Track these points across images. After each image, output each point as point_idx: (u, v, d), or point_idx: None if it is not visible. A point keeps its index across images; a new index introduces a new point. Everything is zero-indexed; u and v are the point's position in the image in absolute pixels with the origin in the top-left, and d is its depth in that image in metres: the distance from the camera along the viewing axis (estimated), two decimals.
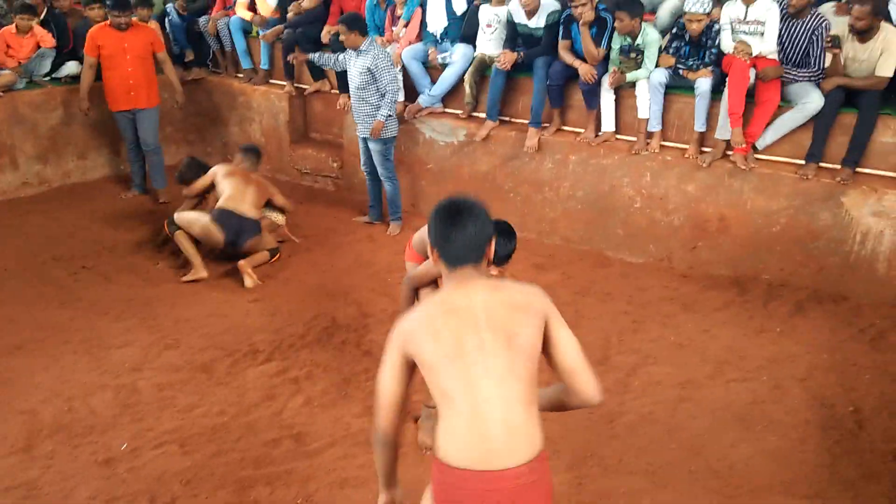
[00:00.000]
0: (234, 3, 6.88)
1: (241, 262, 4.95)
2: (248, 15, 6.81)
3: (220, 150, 7.37)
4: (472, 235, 1.90)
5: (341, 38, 5.42)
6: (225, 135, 7.31)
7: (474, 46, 5.95)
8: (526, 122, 5.75)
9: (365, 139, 5.65)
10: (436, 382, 1.83)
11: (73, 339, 4.15)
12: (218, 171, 5.24)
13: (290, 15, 6.58)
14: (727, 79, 4.92)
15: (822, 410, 3.64)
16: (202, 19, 7.02)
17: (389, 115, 5.45)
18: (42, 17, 6.42)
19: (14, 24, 6.09)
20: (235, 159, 5.54)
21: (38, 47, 6.24)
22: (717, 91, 5.06)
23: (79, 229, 5.63)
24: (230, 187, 5.08)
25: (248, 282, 4.88)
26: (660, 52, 5.26)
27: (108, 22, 5.91)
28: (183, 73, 7.22)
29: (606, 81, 5.31)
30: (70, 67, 6.45)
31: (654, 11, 5.57)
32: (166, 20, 7.12)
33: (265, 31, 6.72)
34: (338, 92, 6.55)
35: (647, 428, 3.51)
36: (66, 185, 6.43)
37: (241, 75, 7.13)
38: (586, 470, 3.23)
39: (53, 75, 6.44)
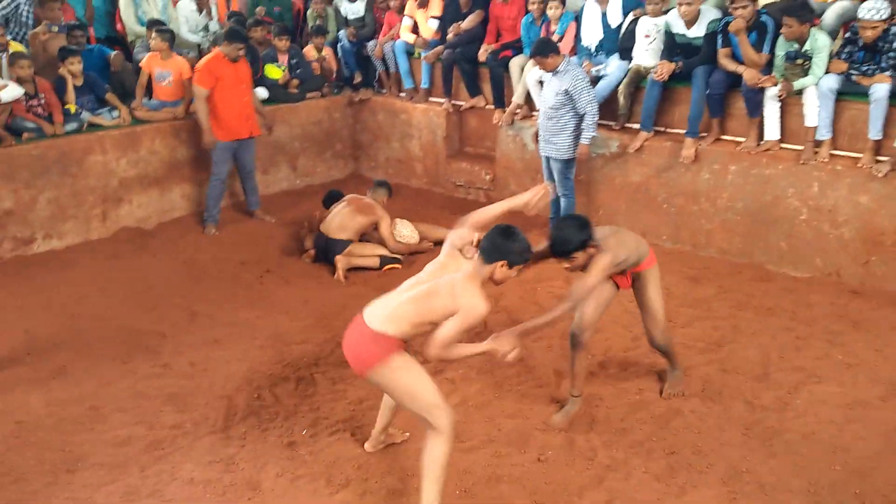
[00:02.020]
0: (399, 27, 7.36)
1: (338, 257, 5.51)
2: (411, 38, 7.26)
3: (382, 164, 7.88)
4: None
5: (537, 66, 5.56)
6: (387, 150, 7.81)
7: (629, 59, 5.98)
8: (681, 132, 5.70)
9: (548, 157, 5.76)
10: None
11: (260, 335, 4.67)
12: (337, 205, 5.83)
13: (449, 36, 6.95)
14: None
15: None
16: (370, 44, 7.58)
17: (594, 137, 5.52)
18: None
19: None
20: (369, 192, 6.00)
21: None
22: (894, 97, 4.75)
23: (262, 237, 6.28)
24: (330, 215, 5.74)
25: (337, 274, 5.49)
26: (830, 57, 5.03)
27: (219, 53, 6.09)
28: (352, 93, 7.82)
29: (771, 89, 5.14)
30: (258, 93, 7.18)
31: (819, 15, 5.32)
32: (338, 46, 7.75)
33: (426, 52, 7.13)
34: (493, 108, 6.83)
35: (808, 447, 3.41)
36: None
37: (403, 94, 7.60)
38: (741, 486, 3.20)
39: None
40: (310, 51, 7.66)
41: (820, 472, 3.25)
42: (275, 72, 7.33)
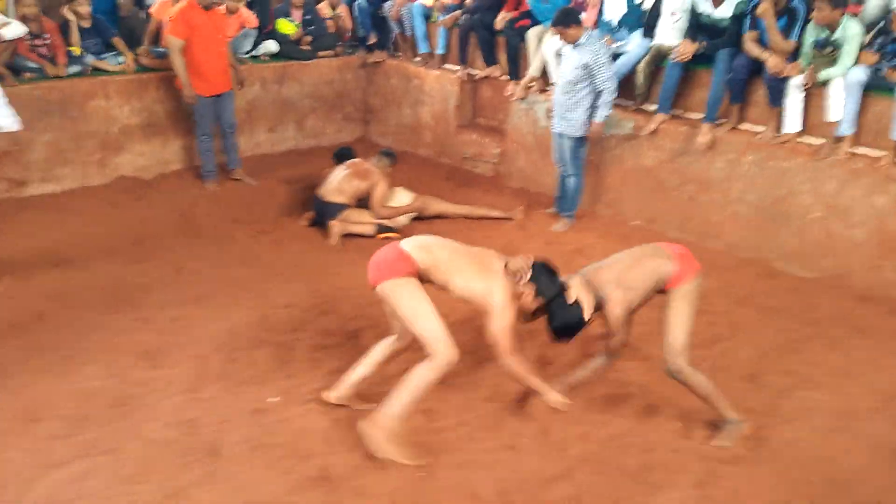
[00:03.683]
0: None
1: (333, 221, 5.42)
2: (429, 1, 7.04)
3: (392, 130, 7.72)
4: None
5: (559, 37, 5.33)
6: (398, 116, 7.65)
7: (651, 37, 5.73)
8: (699, 117, 5.47)
9: (561, 134, 5.56)
10: None
11: (246, 296, 4.59)
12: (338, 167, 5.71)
13: (468, 1, 6.72)
14: None
15: None
16: (387, 4, 7.37)
17: (608, 115, 5.33)
18: None
19: (224, 6, 6.72)
20: (372, 158, 5.84)
21: (243, 27, 6.86)
22: None
23: (262, 197, 6.18)
24: (328, 178, 5.62)
25: (331, 240, 5.41)
26: (861, 48, 4.76)
27: (192, 1, 5.72)
28: (366, 55, 7.64)
29: (796, 78, 4.90)
30: (268, 46, 7.06)
31: (860, 3, 5.04)
32: (355, 5, 7.55)
33: (444, 16, 6.91)
34: (508, 79, 6.62)
35: (791, 455, 3.27)
36: (256, 156, 7.04)
37: (417, 59, 7.40)
38: (714, 491, 3.07)
39: (253, 53, 7.07)
40: (324, 8, 7.47)
41: (800, 482, 3.11)
42: (287, 27, 7.17)
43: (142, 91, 6.22)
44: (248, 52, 7.04)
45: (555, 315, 3.17)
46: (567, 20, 5.17)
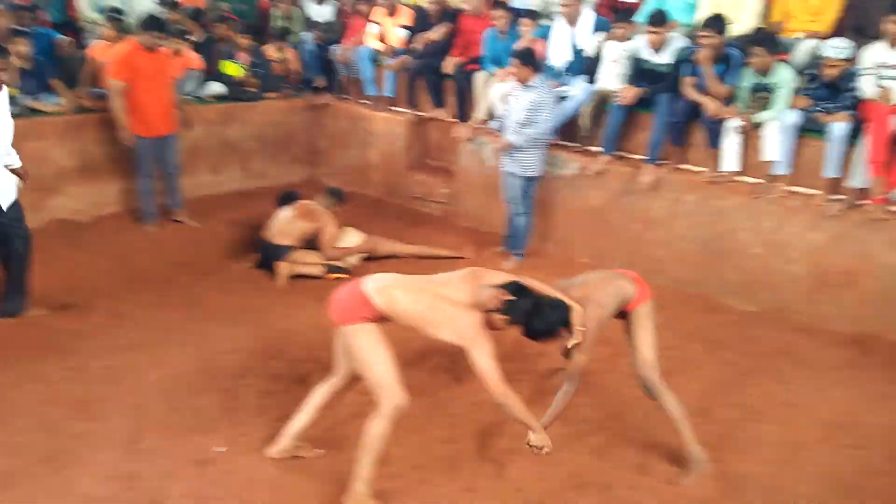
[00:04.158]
0: (366, 33, 7.19)
1: (280, 263, 5.34)
2: (377, 45, 7.10)
3: (339, 171, 7.68)
4: None
5: (512, 69, 5.40)
6: (345, 157, 7.62)
7: (594, 81, 5.90)
8: (642, 158, 5.62)
9: (510, 174, 5.61)
10: None
11: (188, 341, 4.42)
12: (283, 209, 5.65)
13: (416, 46, 6.80)
14: (867, 125, 4.60)
15: None
16: (334, 47, 7.39)
17: (521, 143, 5.35)
18: (198, 41, 6.98)
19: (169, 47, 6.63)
20: (319, 198, 5.80)
21: (187, 69, 6.77)
22: (850, 136, 4.72)
23: (205, 239, 6.02)
24: (273, 220, 5.57)
25: (278, 281, 5.32)
26: (793, 92, 5.00)
27: (135, 43, 5.64)
28: (313, 97, 7.63)
29: (731, 121, 5.09)
30: (213, 87, 6.98)
31: (789, 51, 5.30)
32: (302, 47, 7.56)
33: (392, 60, 6.98)
34: (456, 121, 6.69)
35: (744, 489, 3.28)
36: (199, 197, 6.87)
37: (365, 101, 7.43)
38: None
39: (197, 94, 6.97)
40: (271, 50, 7.45)
41: None
42: (233, 68, 7.13)
43: (79, 132, 6.04)
44: (193, 94, 6.94)
45: (537, 327, 3.07)
46: (529, 59, 5.28)
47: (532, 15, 6.15)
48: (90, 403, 3.71)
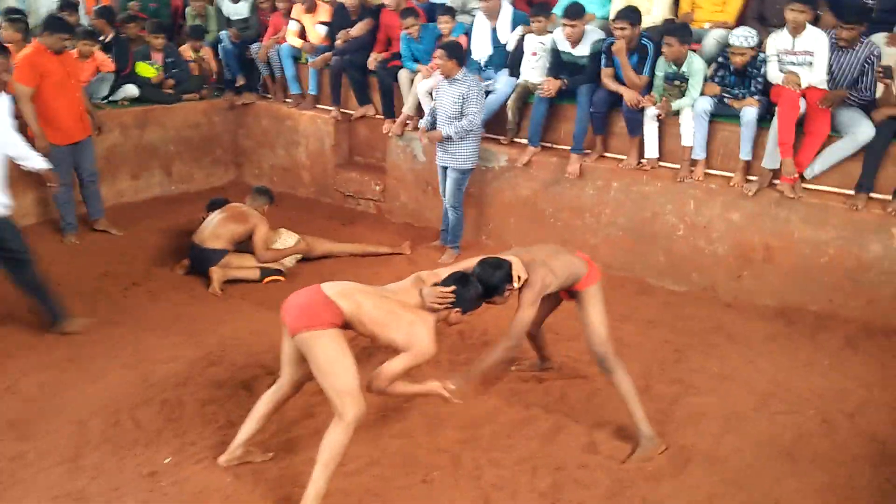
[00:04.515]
0: (285, 31, 7.07)
1: (213, 268, 5.19)
2: (298, 42, 7.00)
3: (267, 172, 7.54)
4: None
5: (438, 61, 5.41)
6: (272, 157, 7.48)
7: (517, 75, 6.01)
8: (568, 148, 5.77)
9: (445, 168, 5.65)
10: None
11: (122, 353, 4.26)
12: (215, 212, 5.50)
13: (338, 42, 6.74)
14: (776, 109, 4.87)
15: (873, 446, 3.53)
16: (254, 46, 7.23)
17: (453, 135, 5.40)
18: (107, 41, 6.69)
19: (77, 50, 6.35)
20: (248, 199, 5.68)
21: (98, 71, 6.49)
22: (763, 120, 5.01)
23: (130, 248, 5.79)
24: (203, 223, 5.43)
25: (211, 287, 5.15)
26: (705, 80, 5.25)
27: (40, 46, 5.37)
28: (234, 97, 7.44)
29: (650, 109, 5.30)
30: (127, 90, 6.71)
31: (699, 41, 5.56)
32: (220, 47, 7.36)
33: (314, 57, 6.89)
34: (382, 118, 6.68)
35: (689, 460, 3.44)
36: (119, 204, 6.61)
37: (289, 100, 7.31)
38: (621, 500, 3.18)
39: (111, 98, 6.69)
40: (186, 50, 7.24)
41: (698, 486, 3.28)
42: (148, 70, 6.88)
43: None
44: (105, 98, 6.66)
45: (490, 295, 3.24)
46: (454, 52, 5.32)
47: (449, 11, 6.17)
48: (23, 422, 3.53)
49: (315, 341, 2.93)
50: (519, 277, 3.28)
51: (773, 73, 5.02)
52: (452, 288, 3.11)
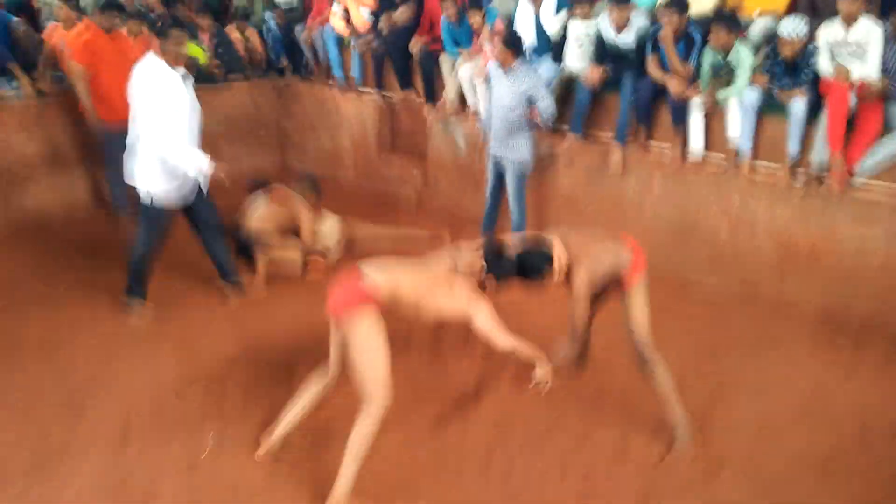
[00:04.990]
0: (329, 13, 7.10)
1: (259, 253, 5.27)
2: (342, 26, 7.02)
3: (311, 155, 7.64)
4: None
5: (494, 49, 5.28)
6: (316, 141, 7.57)
7: (560, 60, 5.92)
8: (610, 137, 5.69)
9: (497, 161, 5.52)
10: None
11: (170, 339, 4.42)
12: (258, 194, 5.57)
13: (381, 26, 6.74)
14: (826, 103, 4.72)
15: None
16: (298, 28, 7.28)
17: (545, 117, 5.29)
18: (159, 23, 6.78)
19: (126, 29, 6.42)
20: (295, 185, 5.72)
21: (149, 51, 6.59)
22: (812, 112, 4.85)
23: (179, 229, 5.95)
24: (250, 207, 5.47)
25: (256, 277, 5.22)
26: (752, 70, 5.10)
27: (92, 25, 5.55)
28: (279, 79, 7.53)
29: (696, 99, 5.18)
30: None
31: (744, 29, 5.39)
32: (265, 29, 7.43)
33: (358, 41, 6.90)
34: (424, 102, 6.68)
35: (720, 468, 3.43)
36: None
37: (332, 83, 7.36)
38: None
39: None
40: (233, 32, 7.32)
41: (731, 494, 3.27)
42: (196, 51, 6.98)
43: (42, 119, 5.88)
44: None
45: (525, 273, 3.28)
46: (513, 42, 5.15)
47: (477, 2, 6.04)
48: (76, 407, 3.71)
49: (354, 324, 3.00)
50: (559, 268, 3.31)
51: (824, 65, 4.84)
52: (483, 253, 3.21)
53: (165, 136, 4.20)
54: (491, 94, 5.48)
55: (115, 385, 3.91)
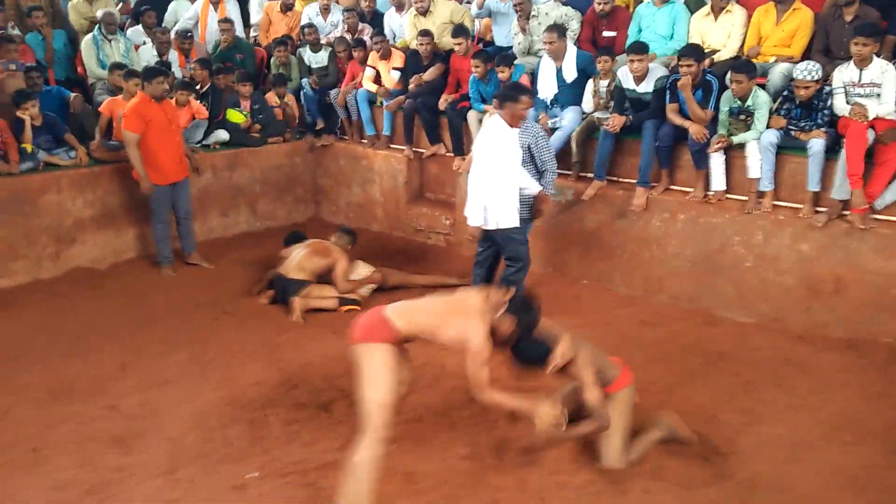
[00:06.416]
0: (362, 77, 7.52)
1: (295, 298, 5.53)
2: (373, 87, 7.42)
3: (343, 209, 7.94)
4: None
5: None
6: (348, 195, 7.89)
7: (583, 110, 6.20)
8: (633, 181, 5.89)
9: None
10: None
11: (213, 376, 4.61)
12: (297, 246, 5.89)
13: (411, 86, 7.12)
14: (844, 141, 4.88)
15: None
16: (332, 92, 7.72)
17: (552, 192, 5.45)
18: (203, 91, 7.28)
19: (174, 98, 6.91)
20: (332, 237, 6.05)
21: (194, 118, 7.06)
22: (830, 151, 5.01)
23: (220, 279, 6.24)
24: (289, 257, 5.79)
25: (294, 315, 5.50)
26: (770, 113, 5.30)
27: (144, 96, 5.90)
28: (313, 139, 7.93)
29: (714, 144, 5.38)
30: (218, 135, 7.27)
31: (765, 74, 5.62)
32: (301, 93, 7.88)
33: (388, 101, 7.29)
34: (452, 155, 6.98)
35: (753, 489, 3.47)
36: (209, 240, 7.12)
37: (365, 141, 7.73)
38: None
39: (204, 142, 7.26)
40: (271, 97, 7.77)
41: None
42: (237, 116, 7.41)
43: (94, 183, 6.30)
44: (199, 142, 7.22)
45: (521, 348, 3.42)
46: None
47: (506, 60, 6.33)
48: (126, 438, 3.89)
49: (365, 352, 3.29)
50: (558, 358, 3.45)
51: (840, 105, 5.03)
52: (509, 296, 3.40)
53: None
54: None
55: (163, 421, 4.08)
